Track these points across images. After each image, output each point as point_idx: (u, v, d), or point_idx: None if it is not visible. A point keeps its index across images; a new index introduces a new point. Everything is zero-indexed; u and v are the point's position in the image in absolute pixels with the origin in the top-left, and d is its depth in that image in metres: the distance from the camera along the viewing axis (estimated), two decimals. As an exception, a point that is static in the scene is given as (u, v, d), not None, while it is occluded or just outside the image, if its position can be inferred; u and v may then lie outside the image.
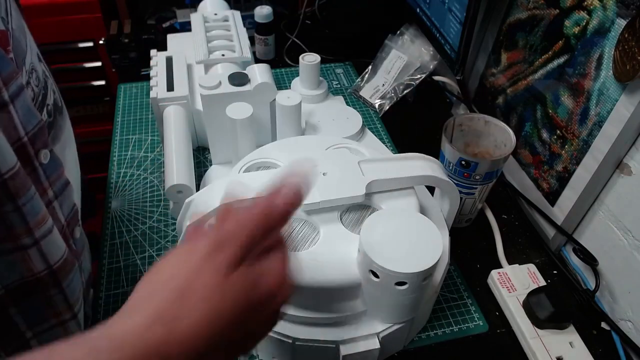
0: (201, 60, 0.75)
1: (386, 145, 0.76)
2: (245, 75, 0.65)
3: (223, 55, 0.76)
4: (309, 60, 0.76)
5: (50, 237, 0.40)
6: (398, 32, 0.90)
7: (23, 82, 0.38)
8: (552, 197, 0.63)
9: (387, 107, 0.86)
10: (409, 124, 0.84)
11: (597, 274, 0.57)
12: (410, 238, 0.44)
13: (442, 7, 0.75)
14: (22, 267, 0.39)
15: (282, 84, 0.92)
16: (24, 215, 0.36)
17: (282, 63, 0.98)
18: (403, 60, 0.87)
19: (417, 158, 0.53)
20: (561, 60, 0.60)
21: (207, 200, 0.48)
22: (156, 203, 0.68)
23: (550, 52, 0.62)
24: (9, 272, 0.38)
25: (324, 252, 0.47)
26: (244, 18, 0.87)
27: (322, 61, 0.86)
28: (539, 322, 0.53)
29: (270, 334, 0.46)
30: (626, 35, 0.48)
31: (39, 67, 0.45)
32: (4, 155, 0.34)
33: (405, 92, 0.86)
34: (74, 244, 0.47)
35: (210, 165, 0.72)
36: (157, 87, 0.69)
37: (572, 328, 0.54)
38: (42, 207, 0.38)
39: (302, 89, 0.79)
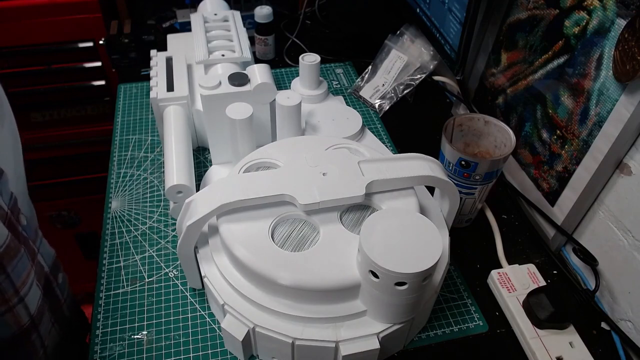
0: (201, 61, 0.75)
1: (386, 145, 0.76)
2: (245, 76, 0.65)
3: (223, 55, 0.76)
4: (309, 60, 0.76)
5: None
6: (398, 32, 0.90)
7: None
8: (552, 197, 0.63)
9: (387, 107, 0.86)
10: (409, 124, 0.84)
11: (597, 274, 0.57)
12: (410, 238, 0.44)
13: (442, 7, 0.75)
14: None
15: (282, 84, 0.92)
16: None
17: (282, 63, 0.98)
18: (403, 60, 0.87)
19: (417, 158, 0.53)
20: (561, 60, 0.60)
21: (207, 200, 0.48)
22: (156, 203, 0.68)
23: (550, 52, 0.62)
24: None
25: (324, 252, 0.47)
26: (244, 18, 0.87)
27: (322, 61, 0.86)
28: (539, 322, 0.53)
29: (270, 334, 0.46)
30: (626, 35, 0.48)
31: None
32: None
33: (405, 92, 0.86)
34: (23, 230, 0.49)
35: (210, 165, 0.72)
36: (157, 87, 0.69)
37: (572, 328, 0.54)
38: None
39: (302, 89, 0.79)
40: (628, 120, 0.50)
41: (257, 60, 0.94)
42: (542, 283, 0.58)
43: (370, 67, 0.90)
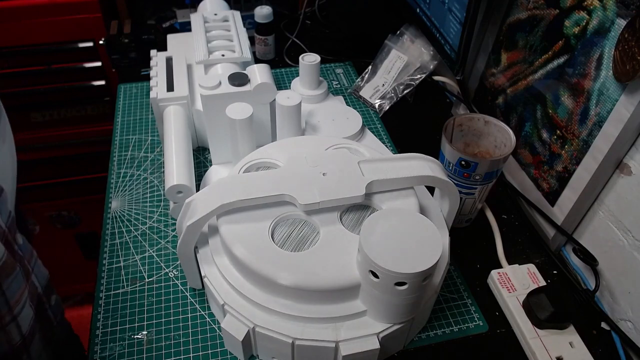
0: (201, 61, 0.75)
1: (386, 145, 0.76)
2: (245, 76, 0.65)
3: (223, 55, 0.76)
4: (309, 60, 0.76)
5: None
6: (398, 32, 0.90)
7: None
8: (552, 197, 0.63)
9: (387, 107, 0.86)
10: (409, 124, 0.84)
11: (597, 274, 0.57)
12: (410, 238, 0.44)
13: (442, 7, 0.75)
14: None
15: (282, 84, 0.92)
16: None
17: (282, 63, 0.98)
18: (403, 60, 0.87)
19: (417, 158, 0.53)
20: (561, 60, 0.60)
21: (207, 200, 0.48)
22: (156, 203, 0.68)
23: (550, 52, 0.62)
24: None
25: (324, 253, 0.47)
26: (244, 18, 0.87)
27: (322, 61, 0.86)
28: (539, 322, 0.53)
29: (270, 334, 0.46)
30: (626, 35, 0.48)
31: None
32: None
33: (405, 92, 0.86)
34: (19, 249, 0.48)
35: (210, 165, 0.72)
36: (157, 87, 0.69)
37: (572, 328, 0.54)
38: None
39: (302, 89, 0.79)
40: (628, 120, 0.50)
41: (257, 60, 0.94)
42: (542, 283, 0.58)
43: (370, 67, 0.90)
